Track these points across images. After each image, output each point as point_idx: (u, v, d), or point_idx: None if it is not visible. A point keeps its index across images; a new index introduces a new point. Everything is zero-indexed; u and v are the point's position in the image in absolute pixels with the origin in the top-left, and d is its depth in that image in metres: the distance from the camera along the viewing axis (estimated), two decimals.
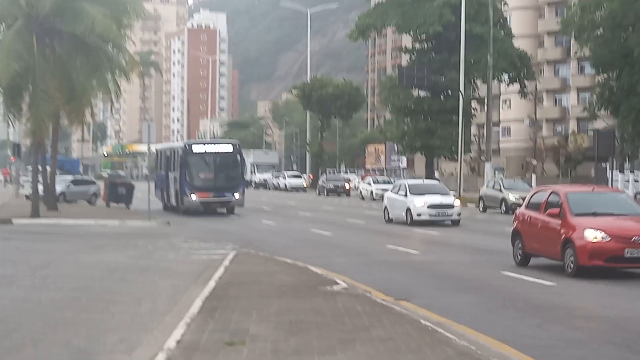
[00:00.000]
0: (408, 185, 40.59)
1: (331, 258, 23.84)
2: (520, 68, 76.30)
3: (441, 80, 71.15)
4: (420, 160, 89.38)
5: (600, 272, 19.57)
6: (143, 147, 70.99)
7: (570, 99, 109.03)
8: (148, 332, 12.18)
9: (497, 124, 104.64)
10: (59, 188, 50.06)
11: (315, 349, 10.51)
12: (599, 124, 69.99)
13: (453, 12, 69.86)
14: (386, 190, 60.95)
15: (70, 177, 60.77)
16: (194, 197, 43.70)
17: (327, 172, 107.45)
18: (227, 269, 19.14)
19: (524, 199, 45.32)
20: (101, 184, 58.61)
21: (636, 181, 60.17)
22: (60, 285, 17.42)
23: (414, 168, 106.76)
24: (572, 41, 75.66)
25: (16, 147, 69.65)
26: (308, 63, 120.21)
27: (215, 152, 46.48)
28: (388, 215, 41.07)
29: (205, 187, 44.45)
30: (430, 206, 37.97)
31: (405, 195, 38.82)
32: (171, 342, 10.86)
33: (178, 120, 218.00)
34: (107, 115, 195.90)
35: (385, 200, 42.51)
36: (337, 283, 16.98)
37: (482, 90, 76.56)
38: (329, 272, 19.14)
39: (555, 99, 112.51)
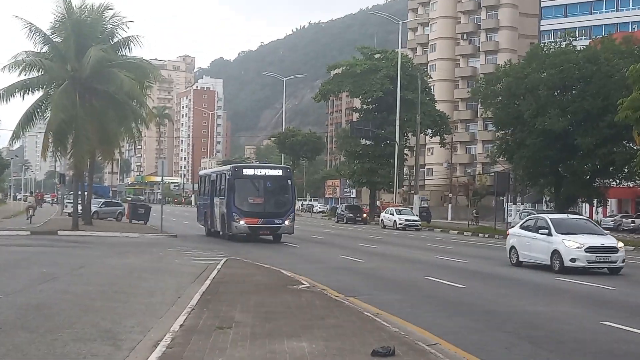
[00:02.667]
0: (551, 221, 24.22)
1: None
2: (440, 125, 76.86)
3: (382, 132, 71.48)
4: (365, 192, 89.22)
5: (507, 277, 19.68)
6: (158, 178, 71.24)
7: (477, 149, 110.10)
8: (158, 318, 12.23)
9: (423, 166, 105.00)
10: (93, 208, 49.71)
11: (284, 333, 10.63)
12: (498, 168, 70.53)
13: (391, 82, 70.30)
14: (411, 220, 57.81)
15: (102, 200, 60.33)
16: (242, 222, 32.80)
17: (345, 202, 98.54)
18: (219, 271, 19.16)
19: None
20: (126, 206, 58.45)
21: (525, 210, 60.55)
22: (92, 281, 17.37)
23: (361, 197, 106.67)
24: (479, 106, 76.41)
25: (61, 177, 70.74)
26: (283, 118, 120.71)
27: (265, 176, 34.75)
28: (517, 257, 24.94)
29: (254, 213, 33.33)
30: (589, 249, 22.31)
31: (549, 233, 22.83)
32: (175, 326, 10.96)
33: (185, 158, 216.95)
34: (131, 154, 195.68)
35: (513, 239, 25.70)
36: (301, 283, 17.05)
37: (412, 140, 77.08)
38: (296, 274, 19.16)
39: (466, 149, 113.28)
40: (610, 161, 48.05)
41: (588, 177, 51.39)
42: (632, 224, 60.97)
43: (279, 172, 36.46)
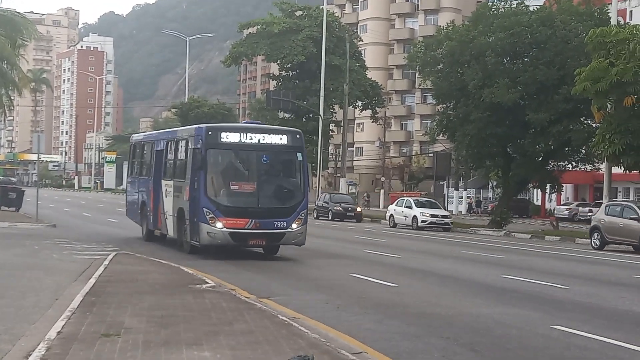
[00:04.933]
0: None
1: None
2: (372, 96, 77.64)
3: (303, 104, 71.58)
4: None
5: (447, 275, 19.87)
6: (33, 156, 69.76)
7: (415, 125, 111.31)
8: (31, 324, 11.95)
9: (352, 144, 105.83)
10: None
11: (183, 341, 10.49)
12: (438, 148, 71.44)
13: (315, 45, 70.64)
14: (440, 216, 49.03)
15: None
16: (219, 225, 21.74)
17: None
18: (106, 268, 18.90)
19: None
20: None
21: (468, 197, 61.66)
22: None
23: None
24: (417, 74, 77.07)
25: None
26: (186, 85, 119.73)
27: (260, 145, 22.61)
28: None
29: (240, 209, 22.25)
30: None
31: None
32: (52, 333, 10.71)
33: (67, 132, 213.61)
34: (0, 126, 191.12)
35: None
36: (205, 282, 16.96)
37: (339, 114, 77.41)
38: (199, 271, 19.04)
39: (402, 124, 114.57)
40: (566, 141, 49.00)
41: (541, 158, 52.34)
42: (590, 214, 62.24)
43: (283, 139, 23.54)
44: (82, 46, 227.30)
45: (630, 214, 33.78)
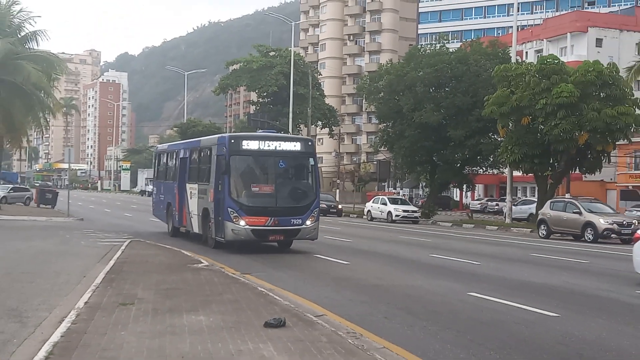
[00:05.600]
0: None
1: None
2: (329, 117, 77.82)
3: (277, 124, 71.30)
4: None
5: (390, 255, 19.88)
6: (65, 165, 69.16)
7: (362, 139, 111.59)
8: (63, 297, 11.83)
9: None
10: (1, 193, 48.11)
11: (183, 308, 10.44)
12: (380, 157, 71.62)
13: (284, 78, 70.55)
14: (410, 211, 46.55)
15: (11, 186, 58.32)
16: (242, 223, 19.85)
17: None
18: (123, 252, 18.74)
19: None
20: (34, 191, 56.53)
21: (403, 195, 61.77)
22: None
23: None
24: (364, 101, 77.35)
25: None
26: (185, 109, 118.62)
27: (277, 152, 20.80)
28: None
29: (260, 209, 20.28)
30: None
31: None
32: (80, 303, 10.64)
33: (91, 147, 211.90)
34: (39, 142, 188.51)
35: None
36: (201, 262, 16.85)
37: (304, 131, 77.38)
38: (196, 254, 18.91)
39: (352, 139, 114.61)
40: (478, 151, 49.45)
41: (459, 165, 52.78)
42: (496, 207, 63.32)
43: (297, 146, 21.49)
44: (103, 79, 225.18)
45: (573, 209, 32.57)
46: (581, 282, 15.89)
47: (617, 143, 40.68)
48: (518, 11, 52.63)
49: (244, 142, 20.44)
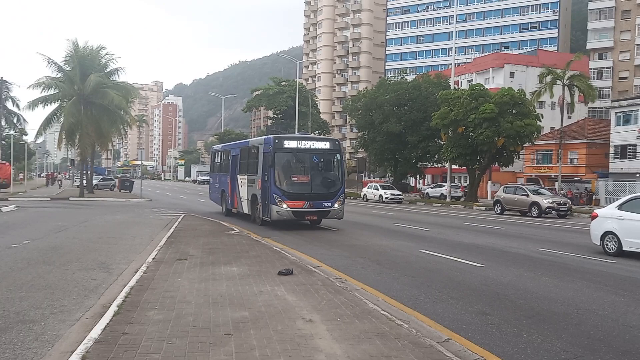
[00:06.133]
0: None
1: None
2: (323, 128, 77.42)
3: (287, 133, 71.41)
4: None
5: (368, 224, 19.83)
6: (138, 162, 69.08)
7: (346, 144, 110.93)
8: (137, 254, 11.85)
9: None
10: (94, 182, 47.88)
11: (221, 261, 10.43)
12: (359, 155, 71.56)
13: (292, 100, 70.38)
14: (395, 195, 43.52)
15: (100, 177, 58.09)
16: (284, 206, 18.44)
17: None
18: (179, 223, 18.72)
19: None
20: (117, 180, 56.35)
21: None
22: (92, 230, 16.63)
23: None
24: (347, 116, 77.13)
25: (72, 161, 67.08)
26: (222, 123, 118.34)
27: (311, 149, 19.41)
28: (618, 244, 13.11)
29: (298, 194, 18.78)
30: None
31: None
32: (149, 259, 10.64)
33: (157, 149, 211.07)
34: (120, 146, 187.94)
35: (612, 223, 13.23)
36: (234, 230, 16.84)
37: None
38: (231, 224, 18.88)
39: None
40: (427, 151, 49.45)
41: (414, 161, 52.75)
42: (441, 190, 62.85)
43: (327, 145, 19.67)
44: (165, 102, 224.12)
45: (521, 192, 30.54)
46: (499, 242, 15.94)
47: (524, 145, 40.72)
48: (455, 53, 52.48)
49: (286, 142, 18.81)
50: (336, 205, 18.87)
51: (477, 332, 6.54)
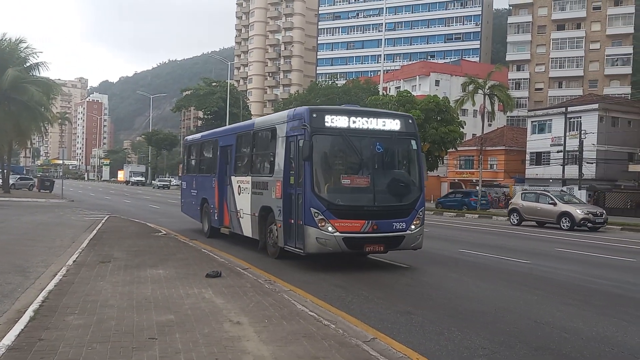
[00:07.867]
0: None
1: None
2: None
3: None
4: None
5: None
6: (60, 161, 65.85)
7: None
8: (57, 257, 11.28)
9: None
10: (11, 181, 45.30)
11: (147, 264, 10.14)
12: None
13: (223, 101, 69.58)
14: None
15: (18, 176, 55.02)
16: (330, 229, 9.31)
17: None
18: (103, 224, 18.02)
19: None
20: (36, 180, 53.55)
21: None
22: (10, 232, 15.69)
23: None
24: None
25: None
26: (150, 122, 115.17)
27: (372, 131, 9.69)
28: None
29: (355, 209, 9.57)
30: None
31: None
32: (70, 261, 10.18)
33: (80, 148, 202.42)
34: (40, 144, 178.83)
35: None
36: (161, 231, 16.40)
37: None
38: (158, 225, 18.37)
39: None
40: None
41: None
42: None
43: (398, 124, 10.73)
44: (89, 99, 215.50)
45: (546, 199, 25.30)
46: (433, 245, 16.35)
47: (448, 150, 42.17)
48: (384, 60, 53.69)
49: (330, 117, 10.34)
50: (413, 227, 10.69)
51: (402, 331, 6.69)
